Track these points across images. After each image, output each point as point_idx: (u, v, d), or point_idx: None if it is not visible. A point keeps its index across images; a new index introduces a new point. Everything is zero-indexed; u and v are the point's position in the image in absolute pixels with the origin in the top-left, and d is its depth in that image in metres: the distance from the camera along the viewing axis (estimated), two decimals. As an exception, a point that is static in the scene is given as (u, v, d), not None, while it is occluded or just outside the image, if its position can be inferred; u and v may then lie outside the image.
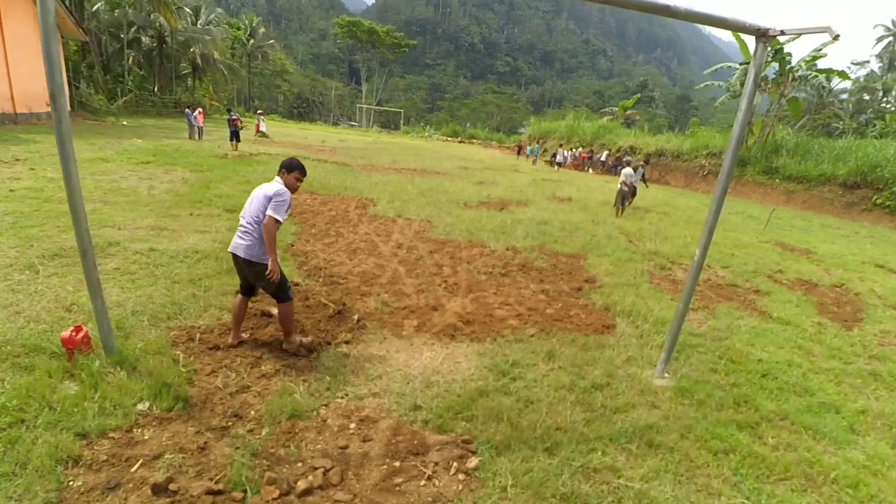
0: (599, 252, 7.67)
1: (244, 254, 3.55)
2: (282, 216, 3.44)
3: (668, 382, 3.86)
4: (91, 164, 11.01)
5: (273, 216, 3.40)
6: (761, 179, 20.30)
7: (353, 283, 5.37)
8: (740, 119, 3.11)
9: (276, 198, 3.43)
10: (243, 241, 3.55)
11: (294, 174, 3.58)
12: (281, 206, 3.43)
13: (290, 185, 3.57)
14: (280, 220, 3.43)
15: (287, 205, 3.47)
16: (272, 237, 3.41)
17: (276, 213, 3.40)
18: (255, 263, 3.56)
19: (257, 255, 3.54)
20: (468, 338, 4.28)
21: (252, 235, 3.54)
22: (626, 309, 5.17)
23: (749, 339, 4.90)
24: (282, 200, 3.44)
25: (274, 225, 3.41)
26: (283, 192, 3.47)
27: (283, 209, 3.45)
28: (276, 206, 3.41)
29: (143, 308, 4.25)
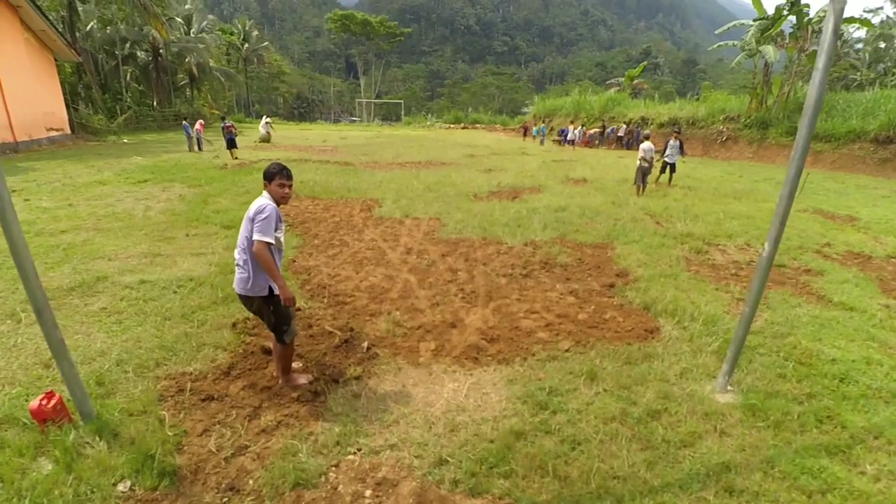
0: (626, 239, 7.04)
1: (239, 288, 3.11)
2: (270, 236, 2.92)
3: (733, 398, 3.29)
4: (87, 189, 10.68)
5: (259, 239, 2.89)
6: (785, 141, 19.20)
7: (360, 300, 4.87)
8: (817, 81, 2.48)
9: (257, 217, 2.92)
10: (237, 275, 3.11)
11: (276, 182, 3.05)
12: (266, 225, 2.91)
13: (276, 196, 3.05)
14: (269, 240, 2.91)
15: (272, 221, 2.95)
16: (268, 262, 2.91)
17: (262, 235, 2.89)
18: (249, 298, 3.11)
19: (251, 289, 3.07)
20: (494, 360, 3.75)
21: (242, 267, 3.07)
22: (668, 307, 4.58)
23: (814, 333, 4.28)
24: (264, 218, 2.91)
25: (264, 249, 2.90)
26: (264, 208, 2.95)
27: (270, 227, 2.93)
28: (260, 228, 2.90)
29: (129, 355, 3.81)
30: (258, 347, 3.94)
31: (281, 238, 3.10)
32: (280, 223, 3.07)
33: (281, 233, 3.09)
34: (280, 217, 3.08)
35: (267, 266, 2.92)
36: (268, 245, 2.92)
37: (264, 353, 3.87)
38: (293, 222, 8.00)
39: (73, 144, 21.73)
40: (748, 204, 10.03)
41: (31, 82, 19.64)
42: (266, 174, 3.08)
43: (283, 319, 3.18)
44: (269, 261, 2.91)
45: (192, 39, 37.58)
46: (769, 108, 21.10)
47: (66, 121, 22.72)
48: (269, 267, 2.92)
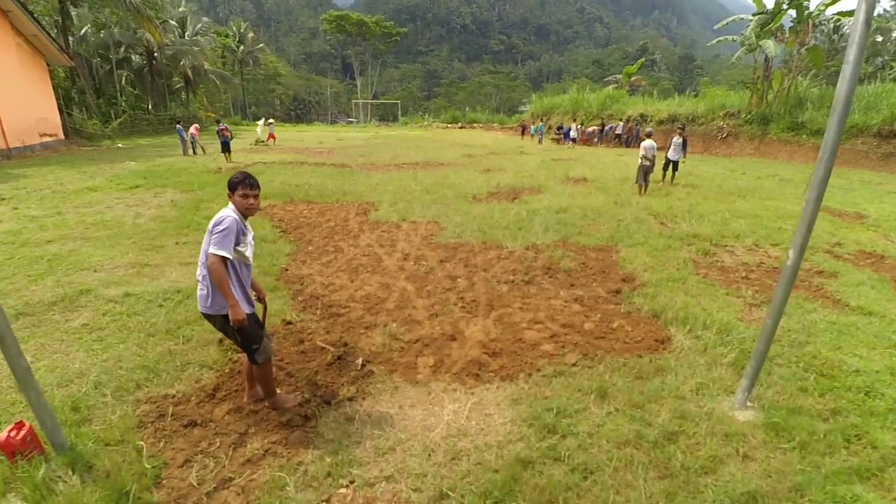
0: (631, 241, 6.82)
1: (200, 306, 2.88)
2: (226, 250, 2.67)
3: (753, 415, 3.06)
4: (77, 196, 10.45)
5: (214, 253, 2.65)
6: (787, 137, 18.99)
7: (355, 312, 4.64)
8: (848, 74, 2.26)
9: (214, 229, 2.69)
10: (198, 291, 2.87)
11: (239, 192, 2.80)
12: (222, 238, 2.66)
13: (240, 207, 2.81)
14: (224, 255, 2.66)
15: (231, 234, 2.69)
16: (220, 278, 2.67)
17: (217, 249, 2.65)
18: (210, 317, 2.88)
19: (210, 307, 2.83)
20: (497, 376, 3.53)
21: (202, 283, 2.84)
22: (678, 314, 4.36)
23: (833, 341, 4.06)
24: (221, 230, 2.67)
25: (218, 264, 2.65)
26: (222, 219, 2.71)
27: (227, 240, 2.68)
28: (216, 241, 2.67)
29: (108, 376, 3.58)
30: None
31: (247, 253, 2.86)
32: (244, 236, 2.82)
33: (246, 247, 2.85)
34: (244, 230, 2.83)
35: (218, 282, 2.67)
36: (223, 260, 2.68)
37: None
38: (286, 228, 7.77)
39: (66, 150, 21.47)
40: (753, 202, 9.81)
41: (24, 88, 19.39)
42: (229, 184, 2.84)
43: (250, 339, 2.93)
44: (221, 276, 2.66)
45: (186, 42, 37.32)
46: (770, 104, 20.88)
47: (59, 126, 22.45)
48: (220, 283, 2.67)
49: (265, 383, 3.12)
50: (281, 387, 3.45)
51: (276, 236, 7.24)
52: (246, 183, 2.80)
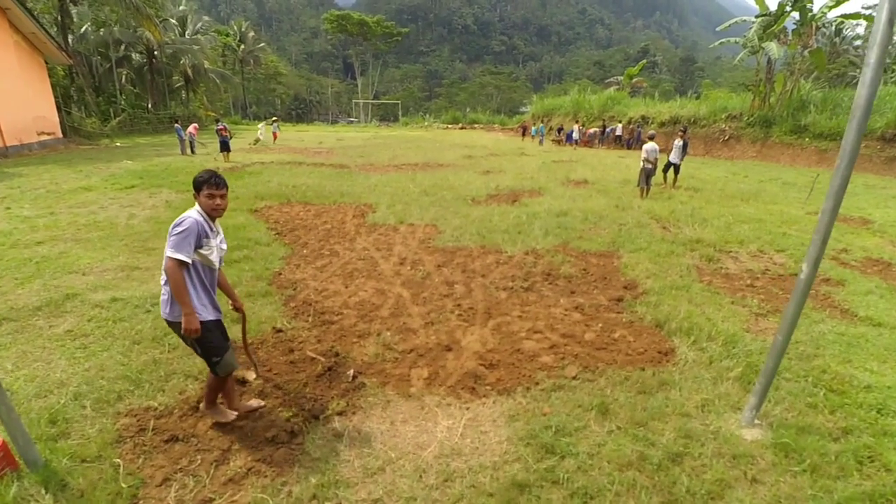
0: (633, 246, 6.67)
1: (163, 312, 2.73)
2: (184, 253, 2.52)
3: (761, 434, 2.92)
4: (72, 196, 10.32)
5: (170, 256, 2.51)
6: (789, 140, 18.84)
7: (348, 319, 4.50)
8: (868, 78, 2.12)
9: (173, 230, 2.55)
10: (162, 296, 2.72)
11: (204, 192, 2.64)
12: (181, 240, 2.51)
13: (206, 208, 2.67)
14: (182, 258, 2.51)
15: (191, 236, 2.54)
16: (177, 283, 2.52)
17: (174, 252, 2.51)
18: (171, 324, 2.73)
19: (169, 313, 2.69)
20: (493, 389, 3.38)
21: (164, 287, 2.69)
22: (682, 325, 4.21)
23: (842, 354, 3.91)
24: (180, 232, 2.52)
25: (175, 268, 2.51)
26: (182, 221, 2.56)
27: (186, 242, 2.52)
28: (173, 243, 2.52)
29: (89, 387, 3.44)
30: (240, 377, 3.56)
31: (212, 256, 2.70)
32: (207, 239, 2.65)
33: (211, 250, 2.68)
34: (208, 232, 2.65)
35: (175, 287, 2.53)
36: (181, 264, 2.53)
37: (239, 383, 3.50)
38: (282, 230, 7.63)
39: (64, 148, 21.35)
40: (756, 206, 9.67)
41: (21, 86, 19.26)
42: (194, 183, 2.68)
43: (210, 350, 2.79)
44: (178, 282, 2.52)
45: (186, 41, 37.20)
46: (772, 107, 20.74)
47: (57, 124, 22.33)
48: (176, 288, 2.53)
49: (210, 393, 3.01)
50: (268, 399, 3.31)
51: (270, 239, 7.10)
52: (211, 182, 2.64)
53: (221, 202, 2.70)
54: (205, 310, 2.73)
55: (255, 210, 8.98)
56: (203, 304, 2.72)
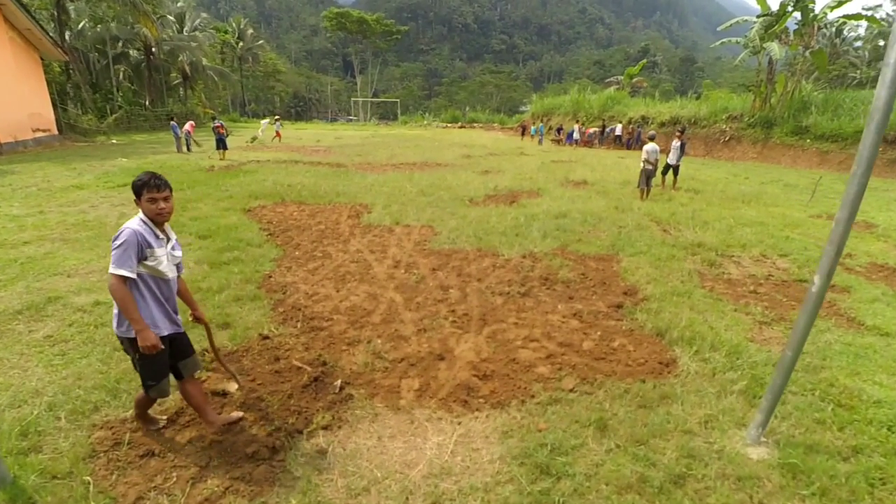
0: (632, 249, 6.53)
1: (113, 326, 2.57)
2: (126, 268, 2.33)
3: (768, 453, 2.78)
4: (63, 194, 10.15)
5: (112, 273, 2.35)
6: (790, 141, 18.70)
7: (338, 325, 4.34)
8: (888, 79, 1.96)
9: (113, 244, 2.38)
10: (113, 310, 2.55)
11: (144, 197, 2.44)
12: (121, 255, 2.33)
13: (149, 213, 2.48)
14: (124, 273, 2.33)
15: (130, 248, 2.35)
16: (121, 300, 2.36)
17: (115, 267, 2.34)
18: (122, 339, 2.57)
19: (117, 327, 2.54)
20: (487, 402, 3.23)
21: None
22: (683, 333, 4.07)
23: (851, 366, 3.77)
24: (118, 246, 2.34)
25: (117, 284, 2.34)
26: (120, 233, 2.38)
27: (127, 256, 2.34)
28: (114, 258, 2.35)
29: (65, 397, 3.29)
30: (220, 389, 3.41)
31: (161, 267, 2.51)
32: (151, 248, 2.44)
33: (159, 260, 2.49)
34: (150, 242, 2.45)
35: (120, 304, 2.37)
36: (123, 279, 2.35)
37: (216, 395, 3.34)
38: (274, 231, 7.47)
39: (60, 146, 21.16)
40: (758, 209, 9.53)
41: (16, 82, 19.07)
42: (133, 188, 2.48)
43: (147, 374, 2.64)
44: (122, 298, 2.35)
45: (184, 38, 36.97)
46: (773, 107, 20.60)
47: (52, 121, 22.13)
48: (122, 305, 2.37)
49: (138, 408, 2.92)
50: (251, 412, 3.16)
51: (262, 240, 6.95)
52: (151, 185, 2.43)
53: (165, 206, 2.50)
54: (162, 324, 2.57)
55: (249, 210, 8.82)
56: (157, 319, 2.55)
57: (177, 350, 2.77)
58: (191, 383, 2.85)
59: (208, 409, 2.94)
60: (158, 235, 2.52)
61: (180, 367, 2.81)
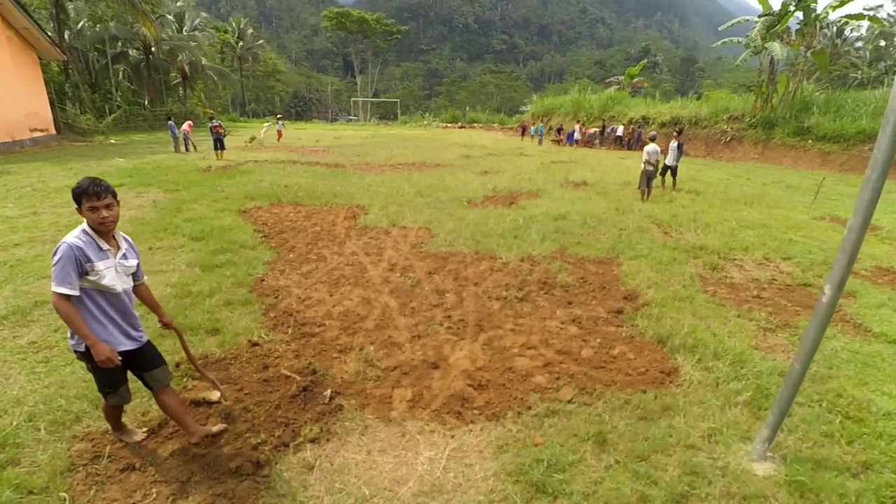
0: (633, 252, 6.41)
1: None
2: (67, 285, 2.22)
3: (774, 469, 2.66)
4: (57, 195, 10.04)
5: (53, 291, 2.24)
6: (792, 142, 18.57)
7: (330, 331, 4.23)
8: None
9: (52, 260, 2.27)
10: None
11: (85, 206, 2.28)
12: (59, 272, 2.22)
13: (92, 223, 2.33)
14: (64, 291, 2.22)
15: (66, 263, 2.22)
16: (67, 318, 2.26)
17: (56, 285, 2.23)
18: (77, 353, 2.47)
19: (70, 338, 2.44)
20: (482, 414, 3.11)
21: None
22: (685, 341, 3.95)
23: (858, 375, 3.65)
24: (55, 263, 2.24)
25: (60, 302, 2.24)
26: (57, 249, 2.26)
27: (64, 273, 2.21)
28: (53, 276, 2.25)
29: (46, 406, 3.18)
30: (201, 398, 3.29)
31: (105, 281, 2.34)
32: (92, 263, 2.28)
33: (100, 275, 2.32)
34: (90, 256, 2.28)
35: (67, 322, 2.27)
36: (62, 299, 2.24)
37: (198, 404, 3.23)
38: (269, 233, 7.35)
39: (57, 145, 21.06)
40: (760, 210, 9.40)
41: (13, 82, 18.97)
42: (73, 196, 2.32)
43: (103, 383, 2.56)
44: (67, 316, 2.25)
45: (184, 37, 36.86)
46: (774, 108, 20.47)
47: (50, 121, 22.04)
48: (69, 323, 2.27)
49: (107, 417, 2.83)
50: (236, 423, 3.04)
51: (256, 242, 6.83)
52: (90, 193, 2.25)
53: (109, 214, 2.32)
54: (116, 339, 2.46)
55: (244, 211, 8.70)
56: (108, 335, 2.43)
57: (141, 362, 2.64)
58: (165, 394, 2.73)
59: (188, 420, 2.82)
60: (102, 247, 2.36)
61: (147, 379, 2.69)
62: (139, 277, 2.69)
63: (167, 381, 2.75)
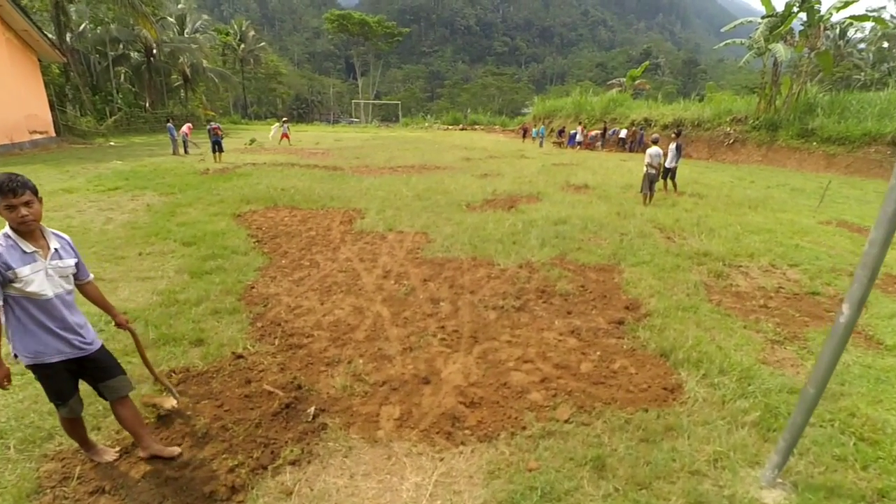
0: (635, 259, 6.23)
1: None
2: None
3: (785, 497, 2.48)
4: (51, 198, 9.91)
5: None
6: (796, 144, 18.36)
7: (318, 342, 4.06)
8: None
9: None
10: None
11: (1, 204, 2.09)
12: None
13: (13, 223, 2.14)
14: None
15: None
16: None
17: None
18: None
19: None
20: (473, 435, 2.94)
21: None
22: (690, 354, 3.76)
23: (872, 392, 3.46)
24: None
25: None
26: None
27: None
28: None
29: (18, 423, 3.03)
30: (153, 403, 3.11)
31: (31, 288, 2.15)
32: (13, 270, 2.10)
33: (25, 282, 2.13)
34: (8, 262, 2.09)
35: None
36: None
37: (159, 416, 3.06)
38: (263, 237, 7.20)
39: (57, 147, 21.00)
40: (765, 215, 9.21)
41: (12, 83, 18.92)
42: None
43: (49, 394, 2.46)
44: None
45: (185, 40, 36.87)
46: (778, 109, 20.27)
47: (50, 123, 21.98)
48: None
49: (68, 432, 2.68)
50: (213, 443, 2.88)
51: (249, 247, 6.67)
52: (5, 190, 2.05)
53: (28, 212, 2.12)
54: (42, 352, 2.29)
55: (239, 215, 8.55)
56: (39, 344, 2.26)
57: (92, 371, 2.49)
58: (121, 406, 2.59)
59: (143, 434, 2.68)
60: (26, 250, 2.17)
61: (101, 389, 2.54)
62: (83, 277, 2.52)
63: (124, 391, 2.60)
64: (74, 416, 2.58)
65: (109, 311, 2.70)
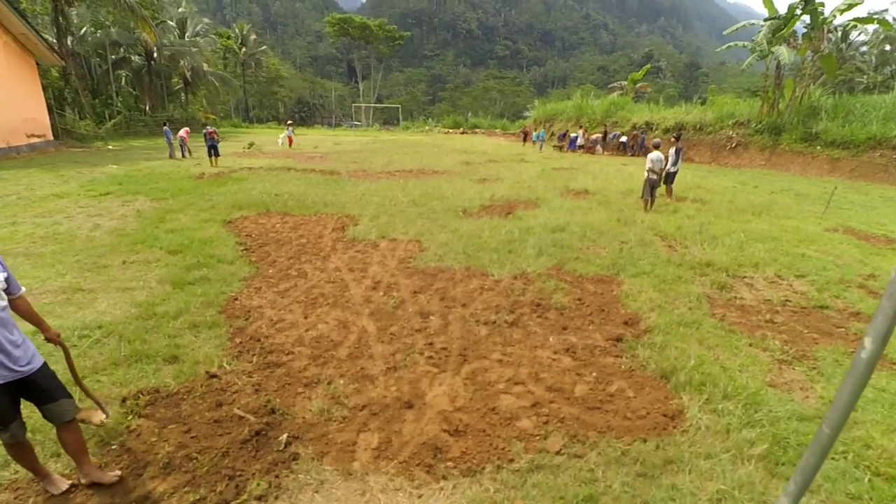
0: (635, 269, 5.99)
1: None
2: None
3: (796, 544, 2.24)
4: (41, 203, 9.75)
5: None
6: (800, 148, 18.10)
7: (298, 360, 3.84)
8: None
9: None
10: None
11: None
12: None
13: None
14: None
15: None
16: None
17: None
18: None
19: None
20: (456, 468, 2.71)
21: None
22: (692, 376, 3.53)
23: (887, 420, 3.22)
24: None
25: None
26: None
27: None
28: None
29: (-31, 451, 2.81)
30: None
31: None
32: None
33: None
34: None
35: None
36: None
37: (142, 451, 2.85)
38: (251, 245, 6.99)
39: (54, 151, 20.89)
40: (769, 221, 8.96)
41: (10, 87, 18.84)
42: None
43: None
44: None
45: (185, 43, 36.85)
46: (781, 113, 20.01)
47: (48, 126, 21.89)
48: None
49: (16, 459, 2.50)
50: (175, 474, 2.66)
51: (236, 256, 6.47)
52: None
53: None
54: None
55: (229, 221, 8.36)
56: None
57: (32, 395, 2.34)
58: (64, 430, 2.45)
59: (84, 460, 2.54)
60: None
61: (44, 412, 2.39)
62: (13, 291, 2.38)
63: (68, 416, 2.45)
64: (17, 442, 2.40)
65: (41, 326, 2.57)
